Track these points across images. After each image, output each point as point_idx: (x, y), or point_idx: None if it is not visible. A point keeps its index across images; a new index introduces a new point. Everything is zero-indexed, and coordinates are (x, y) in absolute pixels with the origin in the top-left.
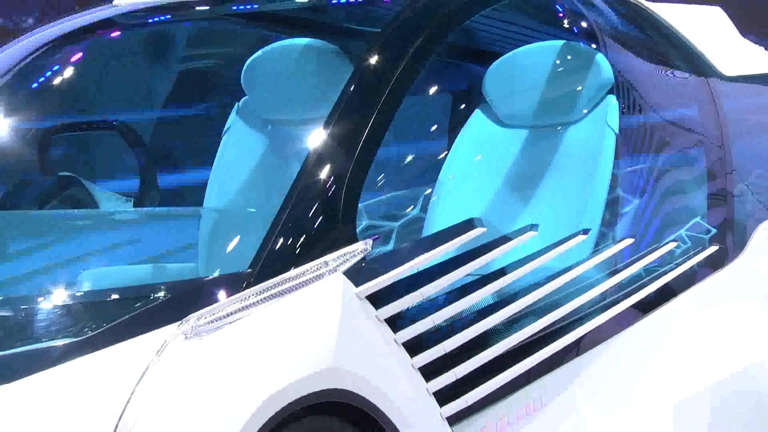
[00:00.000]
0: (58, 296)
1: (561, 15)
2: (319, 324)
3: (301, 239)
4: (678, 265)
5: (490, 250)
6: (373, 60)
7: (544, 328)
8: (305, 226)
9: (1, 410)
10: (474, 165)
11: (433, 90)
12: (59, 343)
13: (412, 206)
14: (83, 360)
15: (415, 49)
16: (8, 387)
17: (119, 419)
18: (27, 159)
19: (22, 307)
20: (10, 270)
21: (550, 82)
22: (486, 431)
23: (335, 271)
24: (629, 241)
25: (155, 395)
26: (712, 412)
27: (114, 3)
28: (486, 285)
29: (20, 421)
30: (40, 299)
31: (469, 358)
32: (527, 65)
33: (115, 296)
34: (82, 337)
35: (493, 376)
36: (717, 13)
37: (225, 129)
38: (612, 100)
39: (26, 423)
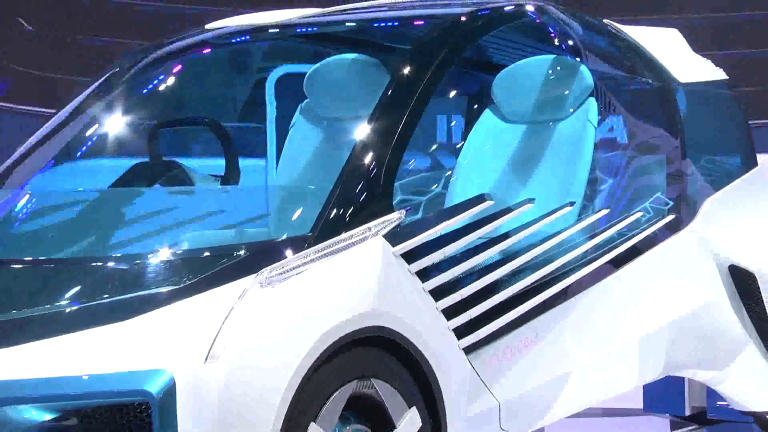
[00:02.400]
0: (164, 254)
1: (552, 35)
2: (364, 276)
3: (350, 209)
4: (643, 230)
5: (497, 218)
6: (405, 71)
7: (539, 279)
8: (353, 200)
9: (123, 341)
10: (484, 152)
11: (452, 94)
12: (164, 290)
13: (436, 184)
14: (183, 303)
15: (437, 62)
16: (127, 323)
17: (210, 348)
18: (140, 148)
19: (136, 262)
20: (127, 234)
21: (544, 88)
22: (493, 359)
23: (376, 234)
24: (605, 211)
25: (238, 330)
26: (669, 343)
27: (206, 27)
28: (494, 245)
29: (135, 350)
30: (149, 256)
31: (480, 302)
32: (526, 74)
33: (206, 254)
34: (182, 285)
35: (499, 316)
36: (674, 33)
37: (291, 124)
38: (592, 102)
39: (140, 351)
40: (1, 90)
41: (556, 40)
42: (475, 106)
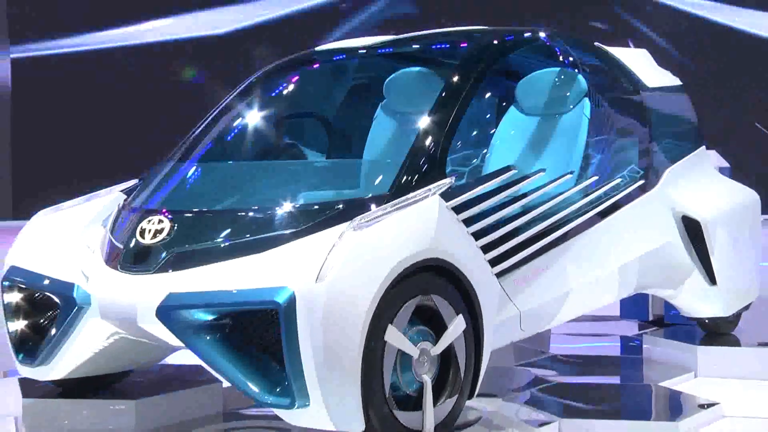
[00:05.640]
0: (287, 207)
1: (558, 53)
2: (425, 223)
3: (416, 176)
4: (622, 191)
5: (518, 182)
6: (454, 79)
7: (548, 226)
8: (418, 169)
9: (259, 267)
10: (510, 136)
11: (487, 95)
12: (287, 232)
13: (475, 159)
14: (300, 241)
15: (477, 73)
16: (262, 254)
17: (319, 272)
18: (270, 135)
19: (267, 212)
20: (261, 193)
21: (552, 91)
22: (516, 281)
23: (434, 194)
24: (594, 178)
25: (338, 260)
26: (639, 272)
27: (316, 49)
28: (516, 202)
29: (268, 273)
30: (277, 208)
31: (507, 241)
32: (540, 81)
33: (316, 207)
34: (299, 229)
35: (520, 251)
36: (644, 52)
37: (374, 117)
38: (586, 101)
39: (271, 274)
40: (199, 78)
41: (560, 57)
42: (503, 104)
